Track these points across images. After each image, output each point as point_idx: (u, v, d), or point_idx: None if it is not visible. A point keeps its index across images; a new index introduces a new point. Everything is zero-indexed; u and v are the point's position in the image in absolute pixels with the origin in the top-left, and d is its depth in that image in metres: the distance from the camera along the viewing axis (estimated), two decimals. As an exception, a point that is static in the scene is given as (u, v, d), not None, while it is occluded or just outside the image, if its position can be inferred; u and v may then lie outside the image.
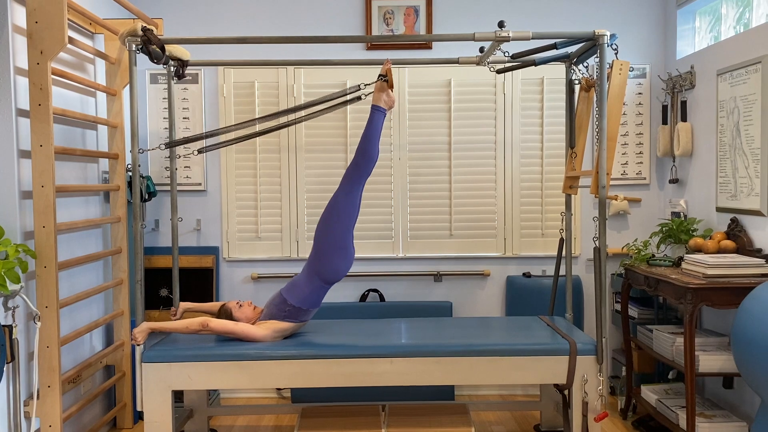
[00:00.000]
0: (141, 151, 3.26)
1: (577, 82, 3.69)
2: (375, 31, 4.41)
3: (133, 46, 3.14)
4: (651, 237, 4.08)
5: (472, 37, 3.16)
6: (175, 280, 3.85)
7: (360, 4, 4.45)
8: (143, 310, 3.25)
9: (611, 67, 3.18)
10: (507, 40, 3.13)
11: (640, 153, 4.51)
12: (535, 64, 3.50)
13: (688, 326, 3.22)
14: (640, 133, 4.50)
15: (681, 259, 3.65)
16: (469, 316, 4.32)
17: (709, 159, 3.94)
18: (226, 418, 4.16)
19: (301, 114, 3.50)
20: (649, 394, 3.78)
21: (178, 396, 3.56)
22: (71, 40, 3.29)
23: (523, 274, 4.49)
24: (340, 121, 4.42)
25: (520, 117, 4.45)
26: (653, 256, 3.87)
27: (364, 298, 4.47)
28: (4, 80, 2.99)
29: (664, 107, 4.33)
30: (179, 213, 4.42)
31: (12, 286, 2.84)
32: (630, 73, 4.39)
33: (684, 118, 4.14)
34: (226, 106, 4.45)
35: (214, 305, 3.52)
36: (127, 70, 3.80)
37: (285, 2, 4.46)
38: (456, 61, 3.73)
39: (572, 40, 3.25)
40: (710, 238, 3.68)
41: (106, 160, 3.95)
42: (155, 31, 3.20)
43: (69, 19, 3.41)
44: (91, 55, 3.79)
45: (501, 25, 3.13)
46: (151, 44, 3.15)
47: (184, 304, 3.57)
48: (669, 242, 3.96)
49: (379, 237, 4.48)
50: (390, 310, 4.32)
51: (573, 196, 4.27)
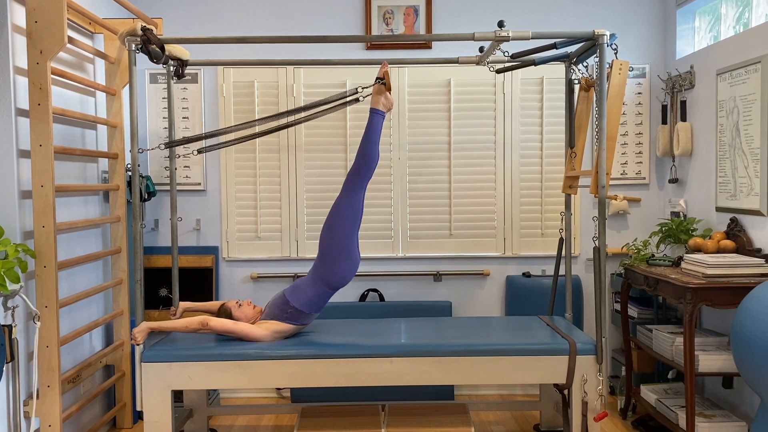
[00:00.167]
0: (140, 150, 3.26)
1: (576, 81, 3.69)
2: (375, 31, 4.41)
3: (133, 46, 3.14)
4: (650, 237, 4.08)
5: (472, 37, 3.16)
6: (175, 280, 3.85)
7: (359, 4, 4.45)
8: (143, 310, 3.24)
9: (611, 67, 3.18)
10: (507, 39, 3.13)
11: (640, 153, 4.51)
12: (534, 63, 3.51)
13: (688, 326, 3.22)
14: (640, 133, 4.50)
15: (680, 258, 3.65)
16: (469, 316, 4.32)
17: (709, 159, 3.94)
18: (226, 418, 4.16)
19: (300, 116, 3.48)
20: (649, 393, 3.78)
21: (177, 396, 3.56)
22: (71, 40, 3.29)
23: (523, 274, 4.49)
24: (339, 121, 4.42)
25: (519, 117, 4.45)
26: (653, 255, 3.87)
27: (363, 297, 4.47)
28: (4, 80, 2.99)
29: (664, 107, 4.33)
30: (179, 213, 4.42)
31: (12, 286, 2.84)
32: (629, 72, 4.39)
33: (683, 118, 4.14)
34: (225, 106, 4.44)
35: (214, 305, 3.52)
36: (127, 70, 3.81)
37: (284, 2, 4.45)
38: (456, 61, 3.73)
39: (572, 40, 3.25)
40: (710, 238, 3.69)
41: (106, 159, 3.95)
42: (155, 31, 3.20)
43: (69, 19, 3.41)
44: (91, 55, 3.79)
45: (501, 24, 3.13)
46: (150, 44, 3.15)
47: (184, 304, 3.57)
48: (668, 242, 3.96)
49: (379, 237, 4.48)
50: (390, 310, 4.32)
51: (573, 195, 4.28)
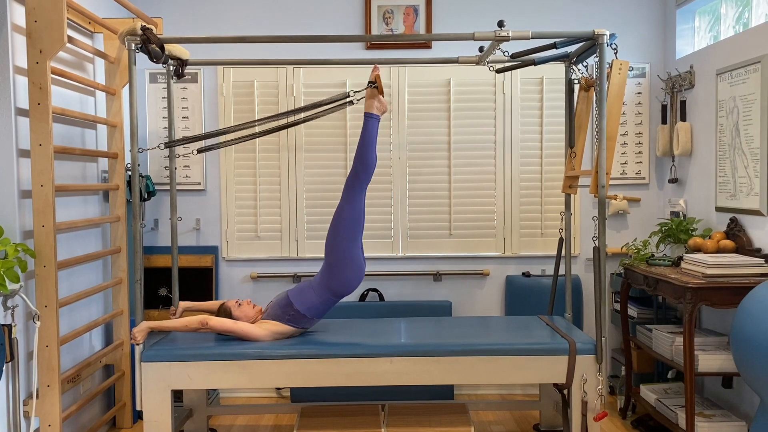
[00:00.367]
0: (140, 150, 3.26)
1: (576, 81, 3.69)
2: (374, 31, 4.41)
3: (133, 46, 3.14)
4: (650, 236, 4.08)
5: (472, 37, 3.16)
6: (175, 280, 3.85)
7: (359, 4, 4.45)
8: (142, 310, 3.24)
9: (611, 67, 3.18)
10: (506, 39, 3.13)
11: (640, 153, 4.51)
12: (534, 63, 3.51)
13: (688, 326, 3.22)
14: (640, 133, 4.50)
15: (680, 258, 3.65)
16: (469, 316, 4.32)
17: (709, 159, 3.94)
18: (226, 418, 4.16)
19: (295, 118, 3.47)
20: (649, 393, 3.78)
21: (177, 395, 3.56)
22: (70, 40, 3.29)
23: (523, 274, 4.49)
24: (339, 121, 4.42)
25: (519, 117, 4.45)
26: (652, 255, 3.87)
27: (363, 297, 4.47)
28: (4, 79, 2.99)
29: (664, 107, 4.33)
30: (178, 212, 4.42)
31: (11, 286, 2.84)
32: (629, 72, 4.39)
33: (683, 118, 4.14)
34: (225, 106, 4.44)
35: (214, 304, 3.52)
36: (127, 70, 3.81)
37: (284, 1, 4.45)
38: (455, 61, 3.73)
39: (572, 40, 3.25)
40: (709, 238, 3.69)
41: (106, 159, 3.95)
42: (155, 31, 3.20)
43: (68, 19, 3.41)
44: (91, 55, 3.78)
45: (500, 24, 3.13)
46: (150, 43, 3.15)
47: (184, 304, 3.57)
48: (668, 242, 3.96)
49: (379, 236, 4.48)
50: (389, 310, 4.32)
51: (572, 195, 4.28)
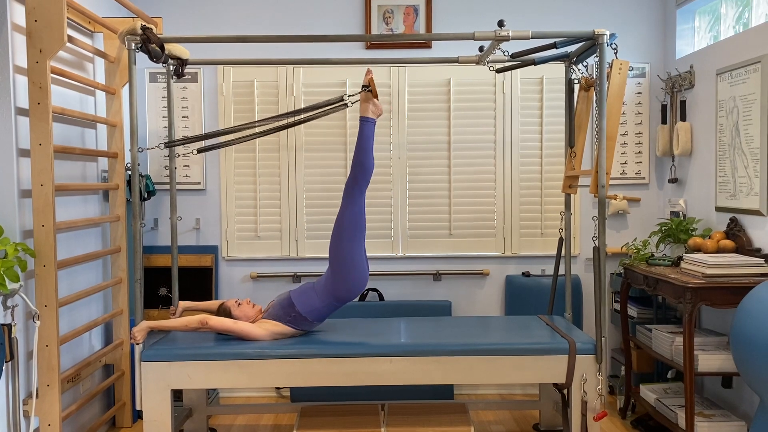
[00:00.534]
0: (140, 149, 3.26)
1: (576, 81, 3.69)
2: (374, 30, 4.41)
3: (133, 45, 3.14)
4: (650, 236, 4.08)
5: (472, 37, 3.16)
6: (175, 279, 3.85)
7: (359, 3, 4.44)
8: (142, 309, 3.24)
9: (611, 67, 3.18)
10: (506, 39, 3.13)
11: (640, 152, 4.51)
12: (534, 63, 3.51)
13: (687, 326, 3.22)
14: (640, 133, 4.50)
15: (680, 258, 3.65)
16: (469, 316, 4.33)
17: (709, 158, 3.94)
18: (226, 417, 4.16)
19: (291, 120, 3.46)
20: (648, 393, 3.78)
21: (177, 395, 3.56)
22: (70, 39, 3.29)
23: (523, 274, 4.49)
24: (339, 120, 4.42)
25: (519, 116, 4.45)
26: (652, 255, 3.87)
27: (363, 297, 4.47)
28: (4, 79, 2.99)
29: (664, 107, 4.33)
30: (178, 212, 4.42)
31: (11, 285, 2.84)
32: (629, 72, 4.39)
33: (683, 118, 4.14)
34: (225, 105, 4.44)
35: (213, 304, 3.52)
36: (127, 69, 3.81)
37: (284, 1, 4.45)
38: (455, 61, 3.73)
39: (572, 40, 3.25)
40: (709, 238, 3.69)
41: (106, 158, 3.95)
42: (155, 30, 3.20)
43: (68, 18, 3.40)
44: (91, 54, 3.78)
45: (500, 24, 3.13)
46: (150, 43, 3.15)
47: (184, 303, 3.57)
48: (668, 242, 3.96)
49: (379, 236, 4.48)
50: (389, 310, 4.32)
51: (572, 195, 4.27)
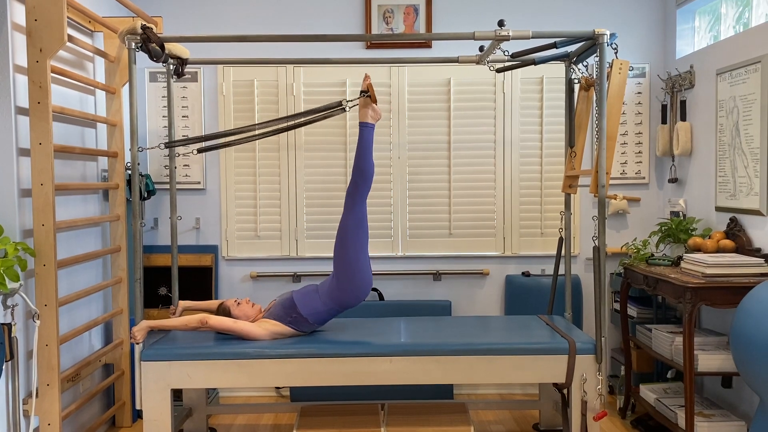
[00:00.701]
0: (140, 149, 3.25)
1: (576, 81, 3.69)
2: (374, 30, 4.41)
3: (133, 44, 3.14)
4: (650, 236, 4.08)
5: (472, 36, 3.16)
6: (174, 279, 3.85)
7: (359, 3, 4.44)
8: (142, 309, 3.24)
9: (611, 67, 3.18)
10: (507, 39, 3.13)
11: (640, 152, 4.51)
12: (534, 63, 3.50)
13: (687, 325, 3.22)
14: (640, 133, 4.50)
15: (680, 258, 3.65)
16: (468, 315, 4.32)
17: (709, 158, 3.94)
18: (225, 417, 4.16)
19: (290, 123, 3.46)
20: (648, 393, 3.78)
21: (177, 394, 3.56)
22: (71, 38, 3.29)
23: (522, 273, 4.49)
24: (339, 120, 4.42)
25: (519, 116, 4.45)
26: (652, 255, 3.87)
27: (363, 297, 4.47)
28: (4, 78, 2.99)
29: (664, 107, 4.33)
30: (178, 211, 4.42)
31: (11, 285, 2.84)
32: (629, 72, 4.39)
33: (683, 118, 4.14)
34: (225, 105, 4.44)
35: (213, 303, 3.52)
36: (127, 69, 3.81)
37: (284, 1, 4.45)
38: (456, 60, 3.73)
39: (572, 40, 3.25)
40: (709, 238, 3.69)
41: (106, 158, 3.95)
42: (155, 30, 3.19)
43: (68, 17, 3.40)
44: (91, 53, 3.78)
45: (501, 24, 3.13)
46: (150, 42, 3.15)
47: (183, 303, 3.57)
48: (668, 241, 3.96)
49: (379, 236, 4.48)
50: (389, 309, 4.32)
51: (572, 195, 4.27)
